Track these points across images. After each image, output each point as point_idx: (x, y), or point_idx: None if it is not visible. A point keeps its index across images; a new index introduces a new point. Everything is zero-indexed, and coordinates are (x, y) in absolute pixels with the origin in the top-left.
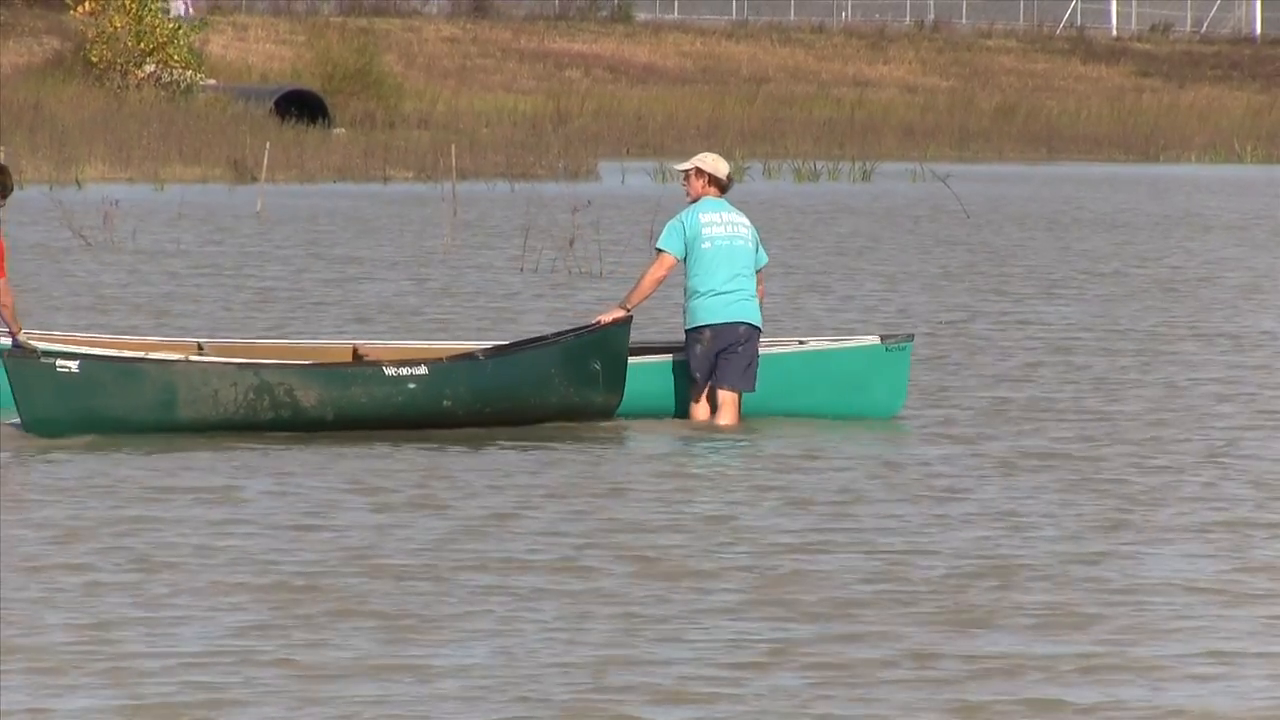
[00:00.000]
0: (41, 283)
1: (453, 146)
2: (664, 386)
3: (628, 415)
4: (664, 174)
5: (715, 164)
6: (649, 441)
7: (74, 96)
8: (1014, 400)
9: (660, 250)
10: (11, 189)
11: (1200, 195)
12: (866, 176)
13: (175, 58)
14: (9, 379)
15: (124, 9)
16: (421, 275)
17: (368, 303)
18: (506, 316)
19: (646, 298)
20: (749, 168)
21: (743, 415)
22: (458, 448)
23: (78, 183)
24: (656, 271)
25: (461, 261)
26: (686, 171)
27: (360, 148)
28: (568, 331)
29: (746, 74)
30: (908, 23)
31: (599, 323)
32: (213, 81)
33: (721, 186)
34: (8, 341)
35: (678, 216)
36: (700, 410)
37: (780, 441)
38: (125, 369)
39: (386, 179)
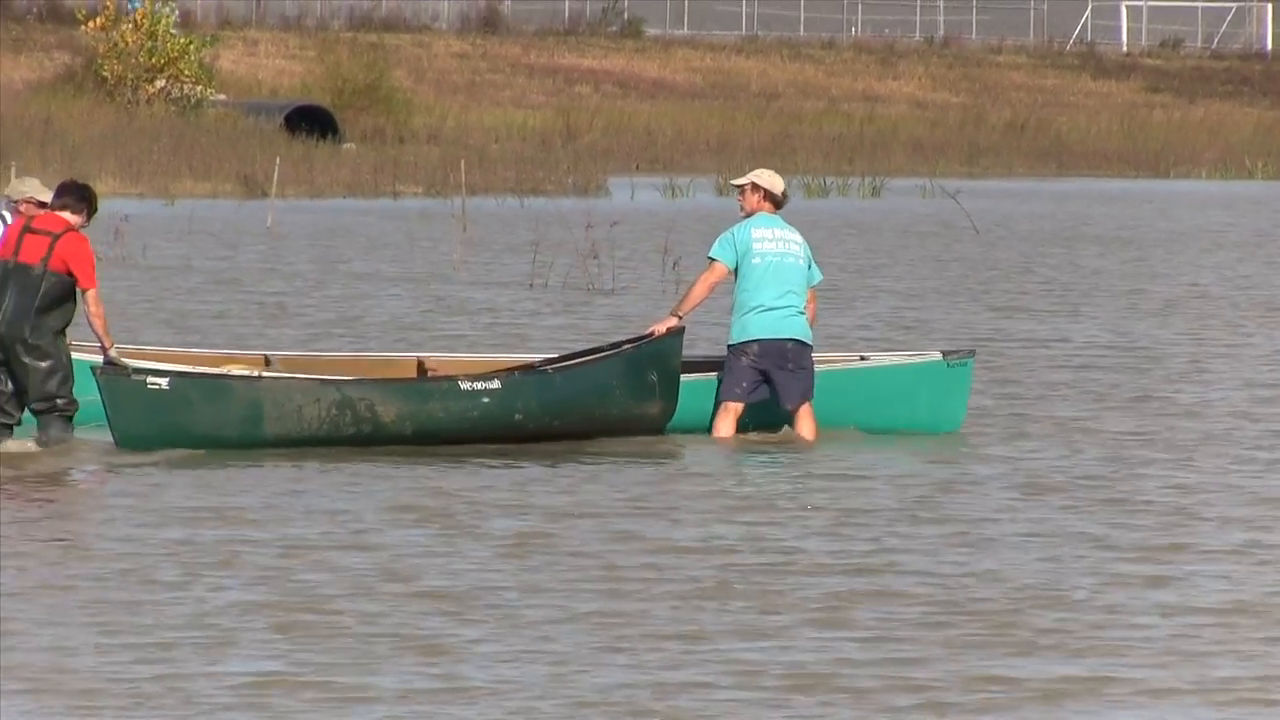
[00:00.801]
0: None
1: (462, 162)
2: (710, 404)
3: (676, 430)
4: (673, 189)
5: (771, 180)
6: (715, 459)
7: (84, 111)
8: (1061, 416)
9: (712, 259)
10: (97, 208)
11: (1211, 211)
12: (876, 192)
13: (186, 73)
14: (101, 395)
15: (136, 24)
16: (431, 291)
17: (378, 319)
18: (518, 333)
19: (698, 305)
20: None
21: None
22: (526, 464)
23: None
24: (709, 278)
25: (472, 277)
26: (742, 186)
27: (370, 163)
28: (624, 343)
29: (756, 89)
30: (918, 38)
31: (653, 333)
32: (223, 97)
33: (776, 202)
34: (99, 358)
35: (730, 229)
36: (725, 426)
37: (844, 460)
38: (213, 385)
39: (396, 194)
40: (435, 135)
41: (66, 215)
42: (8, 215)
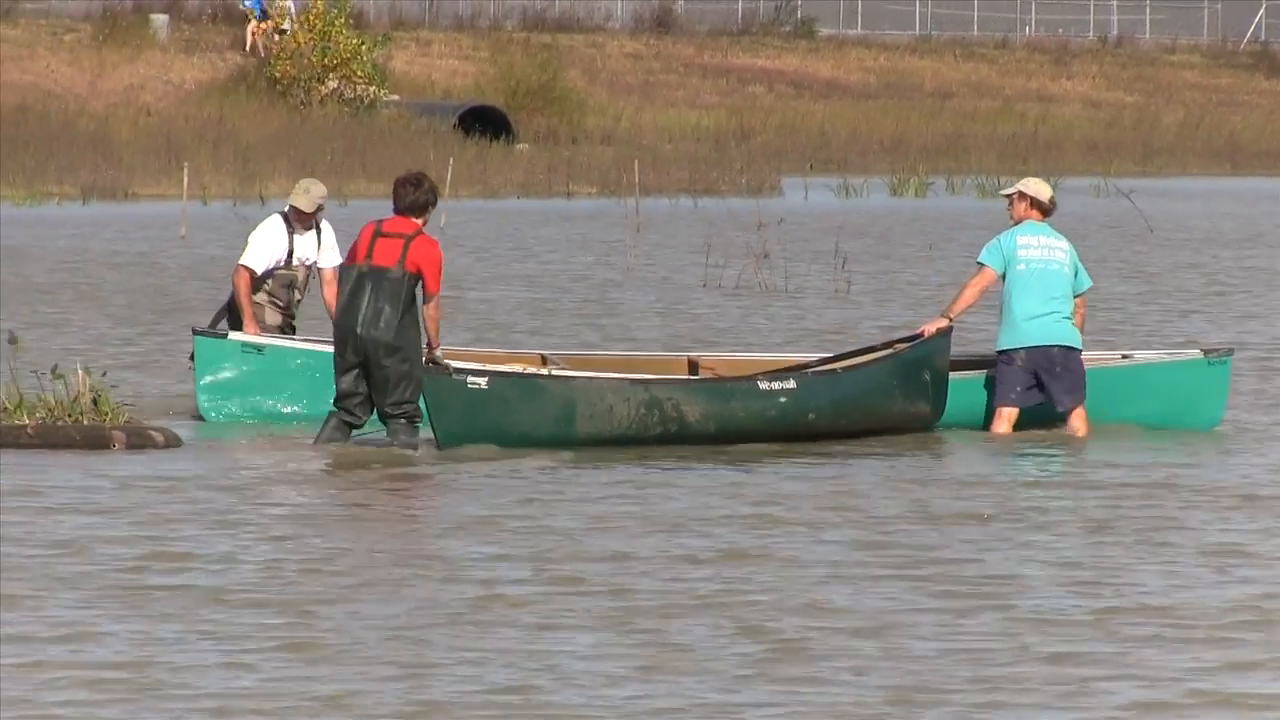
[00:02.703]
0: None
1: (636, 162)
2: (979, 401)
3: (944, 426)
4: (847, 189)
5: (1038, 188)
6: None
7: (257, 112)
8: None
9: (981, 264)
10: (437, 201)
11: None
12: None
13: (358, 74)
14: (425, 395)
15: (308, 25)
16: (605, 292)
17: (555, 319)
18: (696, 333)
19: (967, 308)
20: (932, 183)
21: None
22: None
23: (261, 198)
24: (978, 283)
25: (646, 277)
26: (1010, 195)
27: (544, 163)
28: (896, 341)
29: (930, 89)
30: (1091, 38)
31: (923, 334)
32: (396, 97)
33: (1044, 210)
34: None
35: (998, 236)
36: (1001, 428)
37: (1121, 466)
38: (530, 385)
39: (570, 194)
40: (609, 136)
41: (419, 217)
42: (289, 216)
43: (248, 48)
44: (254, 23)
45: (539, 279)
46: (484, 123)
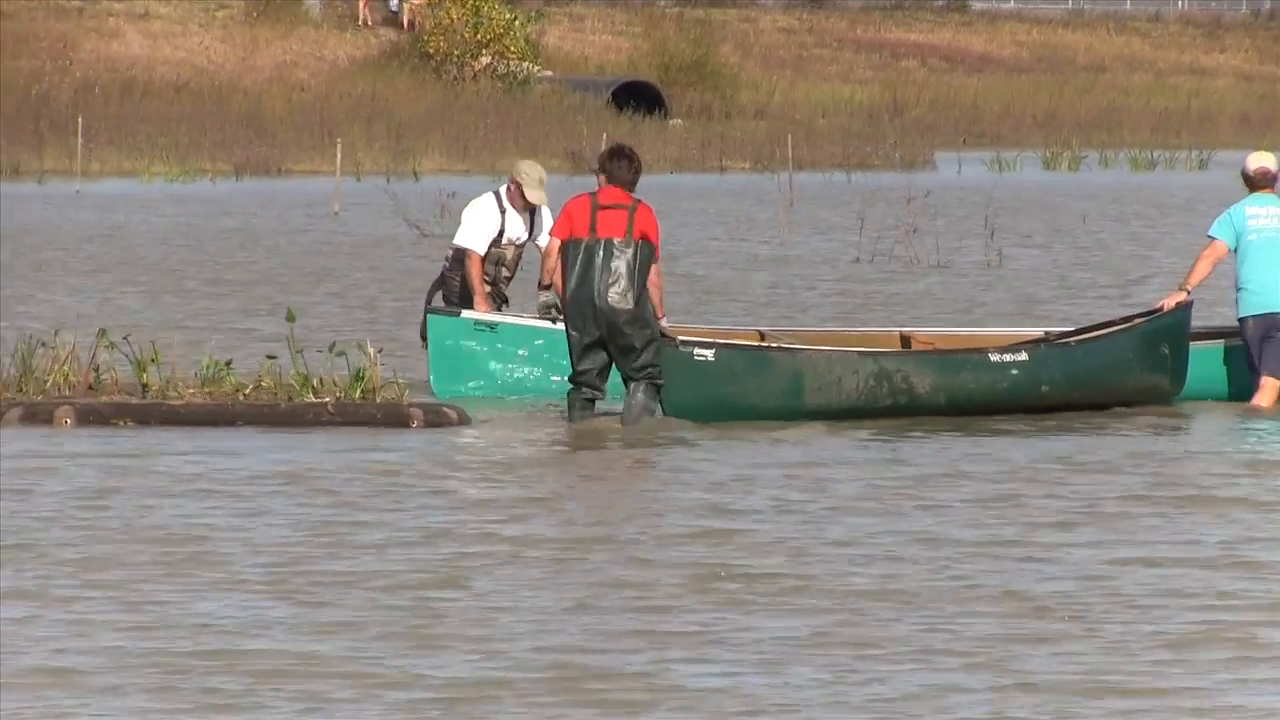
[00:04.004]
0: (384, 274)
1: (789, 137)
2: (1219, 371)
3: (1186, 399)
4: (1000, 163)
5: (1259, 160)
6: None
7: (410, 88)
8: None
9: (1212, 238)
10: (639, 171)
11: None
12: (1203, 165)
13: (511, 49)
14: None
15: (460, 1)
16: (758, 265)
17: (712, 291)
18: (850, 306)
19: (1203, 280)
20: (1085, 157)
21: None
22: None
23: (415, 174)
24: (1210, 255)
25: (798, 252)
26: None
27: (697, 138)
28: (1135, 316)
29: (1083, 63)
30: (1244, 11)
31: (1162, 308)
32: (549, 73)
33: (1254, 183)
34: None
35: (1228, 209)
36: (1265, 399)
37: None
38: (757, 357)
39: (723, 169)
40: (762, 111)
41: (633, 190)
42: (503, 195)
43: (363, 19)
44: None
45: (696, 254)
46: (637, 98)
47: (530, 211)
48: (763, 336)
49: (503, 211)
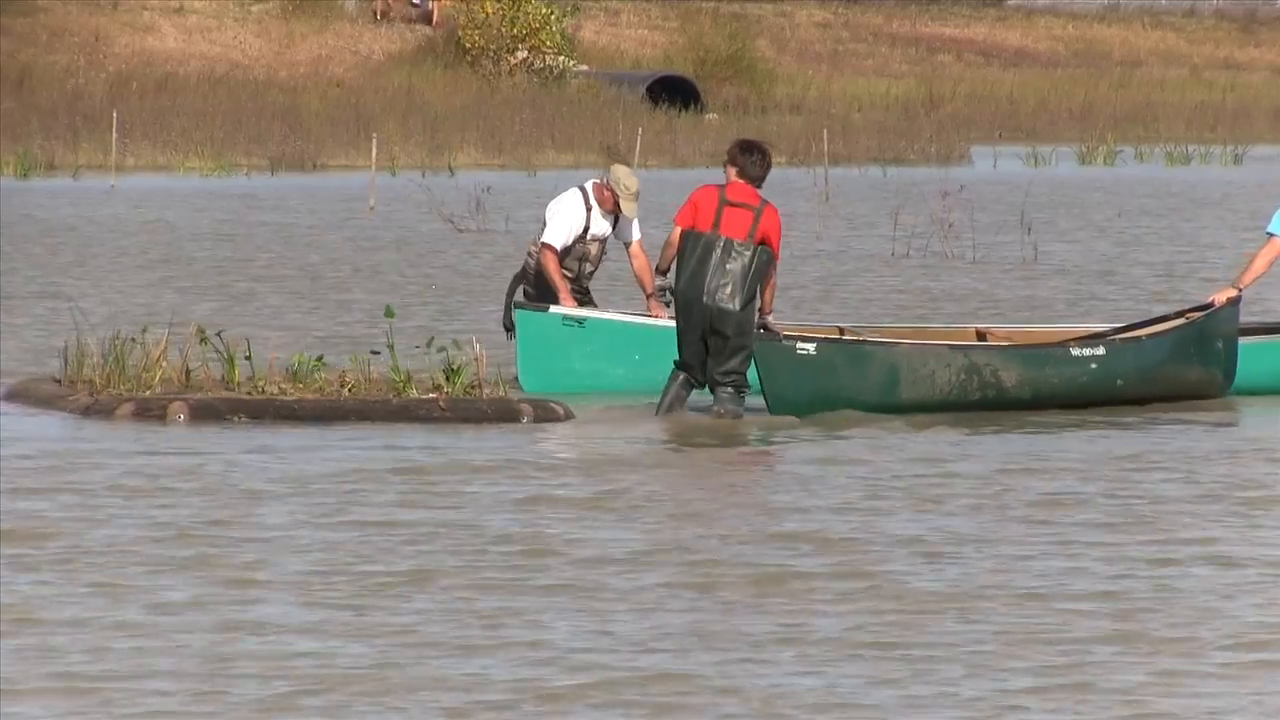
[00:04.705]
0: (418, 271)
1: (824, 131)
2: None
3: (1239, 393)
4: (1036, 158)
5: None
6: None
7: (446, 83)
8: None
9: (1270, 234)
10: (770, 167)
11: None
12: (1238, 160)
13: (547, 44)
14: (756, 360)
15: None
16: (803, 261)
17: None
18: (884, 301)
19: (1257, 279)
20: (1120, 151)
21: None
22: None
23: (450, 169)
24: (1267, 253)
25: (834, 246)
26: None
27: (732, 133)
28: (1188, 311)
29: (1118, 57)
30: (1278, 6)
31: (1213, 303)
32: (585, 67)
33: None
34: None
35: None
36: None
37: None
38: (856, 351)
39: None
40: (798, 105)
41: (758, 187)
42: (589, 192)
43: (380, 11)
44: None
45: None
46: (673, 92)
47: (616, 211)
48: (843, 332)
49: (588, 209)
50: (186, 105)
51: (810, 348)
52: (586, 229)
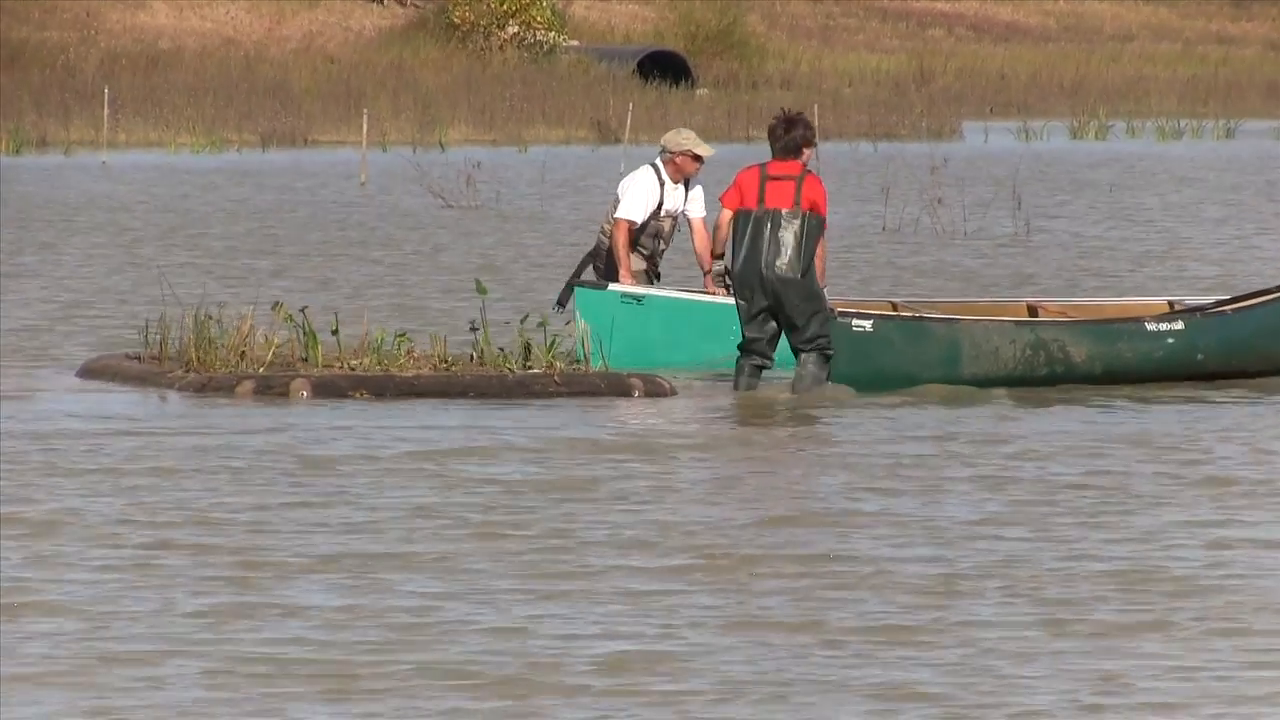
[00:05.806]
0: (430, 244)
1: (815, 106)
2: None
3: None
4: (1027, 133)
5: None
6: None
7: (436, 59)
8: None
9: None
10: (814, 137)
11: None
12: (1230, 135)
13: (538, 19)
14: None
15: None
16: None
17: None
18: (872, 276)
19: None
20: (1112, 126)
21: None
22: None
23: (441, 145)
24: None
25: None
26: None
27: (723, 108)
28: (1276, 288)
29: (1110, 32)
30: None
31: None
32: (575, 43)
33: None
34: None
35: None
36: None
37: None
38: (915, 327)
39: (750, 139)
40: (788, 80)
41: (799, 158)
42: (660, 166)
43: None
44: None
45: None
46: (663, 68)
47: (684, 184)
48: (895, 308)
49: (661, 184)
50: (178, 81)
51: (867, 324)
52: (660, 204)
